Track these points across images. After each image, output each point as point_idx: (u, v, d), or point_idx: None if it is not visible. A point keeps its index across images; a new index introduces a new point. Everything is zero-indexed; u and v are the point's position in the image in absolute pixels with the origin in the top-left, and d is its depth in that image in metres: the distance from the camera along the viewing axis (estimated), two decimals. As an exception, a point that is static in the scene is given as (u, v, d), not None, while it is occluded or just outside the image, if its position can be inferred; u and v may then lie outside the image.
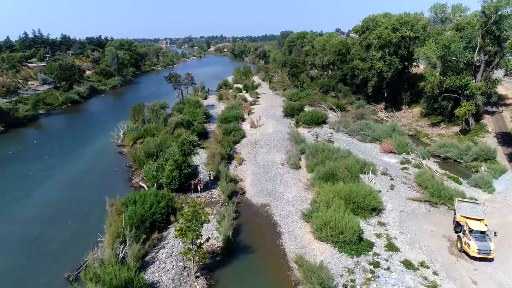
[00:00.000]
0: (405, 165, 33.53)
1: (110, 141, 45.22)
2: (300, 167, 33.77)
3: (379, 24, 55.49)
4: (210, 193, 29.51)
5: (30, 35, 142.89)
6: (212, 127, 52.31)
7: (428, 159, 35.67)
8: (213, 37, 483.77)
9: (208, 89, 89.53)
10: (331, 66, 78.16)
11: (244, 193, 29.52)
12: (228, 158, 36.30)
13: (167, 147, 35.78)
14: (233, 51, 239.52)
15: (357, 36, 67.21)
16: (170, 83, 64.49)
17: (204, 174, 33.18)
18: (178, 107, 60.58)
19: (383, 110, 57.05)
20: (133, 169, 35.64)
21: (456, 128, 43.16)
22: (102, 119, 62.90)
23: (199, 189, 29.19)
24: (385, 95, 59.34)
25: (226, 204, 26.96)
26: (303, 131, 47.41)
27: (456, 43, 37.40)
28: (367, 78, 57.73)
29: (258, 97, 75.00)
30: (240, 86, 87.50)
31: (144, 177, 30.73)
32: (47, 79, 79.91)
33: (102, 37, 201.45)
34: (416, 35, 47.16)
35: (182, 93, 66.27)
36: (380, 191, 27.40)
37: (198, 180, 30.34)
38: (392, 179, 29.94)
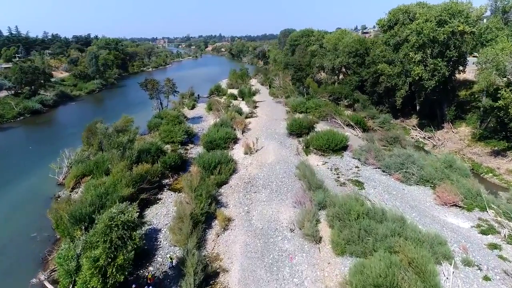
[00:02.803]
0: (491, 238, 20.74)
1: (50, 176, 32.56)
2: (320, 239, 20.95)
3: (412, 16, 42.79)
4: (166, 304, 16.72)
5: (6, 33, 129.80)
6: (194, 151, 39.65)
7: (516, 219, 22.95)
8: (211, 37, 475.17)
9: (198, 95, 77.15)
10: (344, 70, 65.48)
11: (226, 305, 16.74)
12: (208, 218, 23.51)
13: (113, 201, 23.11)
14: (231, 50, 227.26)
15: (377, 33, 54.59)
16: (146, 91, 51.62)
17: (165, 254, 20.35)
18: (155, 122, 47.85)
19: (417, 128, 44.26)
20: (57, 237, 22.95)
21: (536, 162, 30.52)
22: (62, 134, 50.28)
23: (148, 296, 16.39)
24: (417, 108, 46.60)
25: None
26: (315, 160, 34.72)
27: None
28: (395, 86, 44.98)
29: (256, 106, 62.28)
30: (236, 92, 74.94)
31: (56, 270, 18.00)
32: (4, 83, 66.82)
33: (92, 36, 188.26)
34: (472, 29, 34.36)
35: (161, 103, 53.34)
36: (477, 314, 14.72)
37: (148, 274, 17.51)
38: (487, 278, 17.09)
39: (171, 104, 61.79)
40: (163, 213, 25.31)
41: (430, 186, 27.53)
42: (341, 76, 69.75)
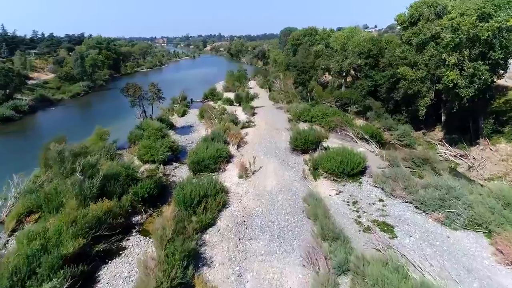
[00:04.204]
0: None
1: (-8, 210, 25.73)
2: (344, 332, 14.16)
3: (439, 10, 35.97)
4: None
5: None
6: (179, 173, 32.90)
7: None
8: (210, 36, 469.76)
9: (191, 99, 70.41)
10: (353, 72, 58.65)
11: None
12: (182, 289, 16.65)
13: (48, 266, 16.31)
14: (230, 50, 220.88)
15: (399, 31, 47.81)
16: (128, 97, 44.80)
17: None
18: (136, 134, 41.01)
19: (444, 143, 37.37)
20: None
21: None
22: (31, 147, 43.37)
23: None
24: (443, 118, 39.74)
25: None
26: (326, 188, 27.83)
27: None
28: (417, 93, 38.16)
29: (254, 113, 55.58)
30: (232, 96, 68.19)
31: None
32: (-26, 88, 60.09)
33: (86, 35, 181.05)
34: (523, 25, 27.54)
35: (144, 111, 46.52)
36: None
37: None
38: None
39: (160, 110, 55.08)
40: (124, 274, 18.42)
41: (484, 232, 20.70)
42: (348, 79, 62.98)
